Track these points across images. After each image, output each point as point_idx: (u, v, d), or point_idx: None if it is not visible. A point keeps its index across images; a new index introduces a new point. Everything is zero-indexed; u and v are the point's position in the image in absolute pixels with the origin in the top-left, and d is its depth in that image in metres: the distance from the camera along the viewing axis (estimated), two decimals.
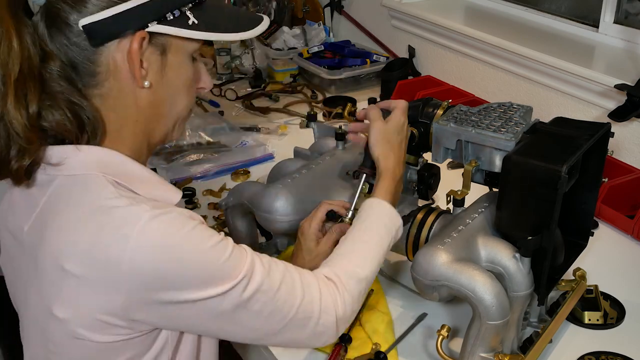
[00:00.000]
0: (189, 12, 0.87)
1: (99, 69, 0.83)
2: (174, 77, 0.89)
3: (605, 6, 1.85)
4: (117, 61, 0.83)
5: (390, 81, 2.12)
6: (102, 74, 0.84)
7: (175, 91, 0.90)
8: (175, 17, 0.85)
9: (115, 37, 0.82)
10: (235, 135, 1.85)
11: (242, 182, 1.32)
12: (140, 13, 0.82)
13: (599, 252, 1.35)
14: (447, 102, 1.16)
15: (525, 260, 0.98)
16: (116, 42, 0.82)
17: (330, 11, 2.64)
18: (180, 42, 0.87)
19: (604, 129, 1.05)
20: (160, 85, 0.88)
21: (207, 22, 0.88)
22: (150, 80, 0.86)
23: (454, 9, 2.26)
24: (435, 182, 1.21)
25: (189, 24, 0.86)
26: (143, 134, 0.90)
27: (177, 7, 0.86)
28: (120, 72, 0.84)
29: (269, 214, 1.18)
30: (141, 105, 0.88)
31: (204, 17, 0.88)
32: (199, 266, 0.79)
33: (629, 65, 1.71)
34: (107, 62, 0.83)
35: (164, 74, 0.88)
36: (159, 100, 0.89)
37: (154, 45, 0.85)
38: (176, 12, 0.86)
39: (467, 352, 1.00)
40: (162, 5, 0.84)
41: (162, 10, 0.84)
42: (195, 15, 0.87)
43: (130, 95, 0.86)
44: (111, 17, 0.81)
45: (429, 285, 0.98)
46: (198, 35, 0.87)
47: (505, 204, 1.00)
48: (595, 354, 1.12)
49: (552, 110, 1.82)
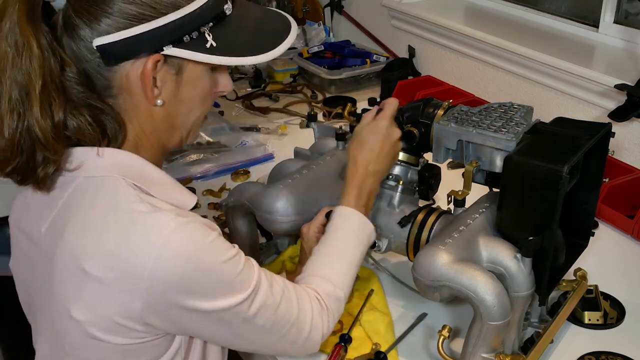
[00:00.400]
0: (208, 33, 0.84)
1: (113, 84, 0.84)
2: (189, 93, 0.88)
3: (605, 6, 1.85)
4: (131, 80, 0.83)
5: (390, 81, 2.12)
6: (115, 89, 0.84)
7: (190, 105, 0.90)
8: (192, 38, 0.83)
9: (129, 58, 0.82)
10: (235, 135, 1.85)
11: (243, 183, 1.32)
12: (156, 36, 0.81)
13: (599, 252, 1.35)
14: (447, 102, 1.16)
15: (526, 261, 0.98)
16: (130, 62, 0.82)
17: (330, 11, 2.64)
18: (198, 61, 0.86)
19: (604, 129, 1.05)
20: (174, 102, 0.87)
21: (226, 43, 0.86)
22: (164, 98, 0.86)
23: (454, 9, 2.26)
24: (436, 183, 1.21)
25: (207, 46, 0.84)
26: (158, 143, 0.91)
27: (196, 28, 0.83)
28: (134, 90, 0.84)
29: (269, 215, 1.18)
30: (156, 119, 0.88)
31: (224, 36, 0.86)
32: (216, 277, 0.81)
33: (629, 65, 1.71)
34: (120, 80, 0.83)
35: (178, 92, 0.87)
36: (173, 114, 0.89)
37: (170, 65, 0.84)
38: (194, 33, 0.83)
39: (468, 352, 1.00)
40: (179, 27, 0.82)
41: (179, 32, 0.82)
42: (215, 35, 0.85)
43: (145, 110, 0.86)
44: (126, 39, 0.80)
45: (430, 286, 0.98)
46: (214, 60, 0.85)
47: (506, 204, 1.00)
48: (595, 354, 1.12)
49: (553, 110, 1.82)
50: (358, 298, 1.23)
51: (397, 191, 1.19)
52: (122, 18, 0.79)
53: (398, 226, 1.16)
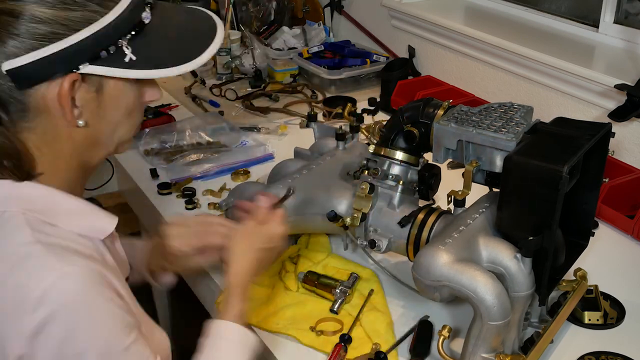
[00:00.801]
0: (126, 46, 0.78)
1: (28, 107, 0.78)
2: (114, 110, 0.83)
3: (605, 6, 1.85)
4: (48, 101, 0.77)
5: (390, 81, 2.12)
6: (32, 112, 0.78)
7: (115, 122, 0.84)
8: (110, 53, 0.78)
9: (44, 80, 0.76)
10: (235, 135, 1.85)
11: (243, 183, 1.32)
12: (70, 54, 0.75)
13: (599, 252, 1.35)
14: (447, 102, 1.16)
15: (526, 261, 0.98)
16: (45, 85, 0.76)
17: (330, 11, 2.64)
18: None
19: (604, 129, 1.05)
20: (97, 121, 0.82)
21: (147, 55, 0.80)
22: (86, 119, 0.80)
23: (454, 9, 2.26)
24: (436, 183, 1.21)
25: (126, 61, 0.78)
26: (79, 164, 0.85)
27: (113, 42, 0.78)
28: (52, 112, 0.78)
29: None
30: (77, 141, 0.82)
31: (144, 47, 0.80)
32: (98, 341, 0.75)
33: (629, 65, 1.71)
34: (36, 103, 0.77)
35: (100, 110, 0.82)
36: (97, 133, 0.83)
37: (89, 83, 0.79)
38: (111, 47, 0.78)
39: (468, 352, 1.00)
40: (94, 43, 0.76)
41: (95, 48, 0.77)
42: (134, 47, 0.79)
43: (64, 131, 0.81)
44: (38, 60, 0.74)
45: (430, 286, 0.98)
46: (134, 75, 0.79)
47: (506, 204, 1.00)
48: (595, 354, 1.12)
49: (552, 110, 1.82)
50: (358, 298, 1.23)
51: (397, 191, 1.19)
52: (31, 39, 0.74)
53: (398, 226, 1.16)
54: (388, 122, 1.24)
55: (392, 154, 1.19)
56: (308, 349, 1.12)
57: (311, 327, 1.15)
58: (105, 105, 0.82)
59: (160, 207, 1.56)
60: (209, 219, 1.18)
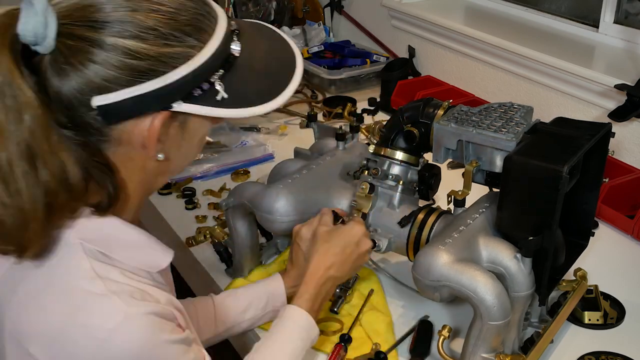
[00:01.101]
0: (218, 83, 0.74)
1: (109, 138, 0.74)
2: (191, 142, 0.80)
3: (605, 6, 1.85)
4: (132, 136, 0.74)
5: (390, 81, 2.12)
6: (111, 142, 0.74)
7: (189, 153, 0.83)
8: (203, 90, 0.74)
9: (134, 117, 0.72)
10: (235, 135, 1.85)
11: (243, 183, 1.32)
12: (166, 92, 0.71)
13: (599, 252, 1.35)
14: (447, 102, 1.16)
15: (526, 261, 0.98)
16: (134, 121, 0.73)
17: (330, 11, 2.64)
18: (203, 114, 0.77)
19: (604, 129, 1.05)
20: (175, 155, 0.80)
21: (237, 92, 0.76)
22: (166, 153, 0.77)
23: (454, 9, 2.26)
24: (435, 183, 1.21)
25: (217, 99, 0.74)
26: (145, 191, 0.82)
27: (206, 79, 0.74)
28: (133, 145, 0.75)
29: (269, 215, 1.18)
30: (149, 171, 0.79)
31: (234, 83, 0.76)
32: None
33: (629, 65, 1.71)
34: (119, 136, 0.74)
35: (181, 145, 0.79)
36: (170, 165, 0.81)
37: (175, 119, 0.76)
38: (204, 84, 0.74)
39: (468, 352, 1.00)
40: (189, 82, 0.72)
41: (189, 87, 0.73)
42: (226, 85, 0.75)
43: (140, 162, 0.77)
44: (132, 97, 0.70)
45: (430, 286, 0.98)
46: (225, 114, 0.76)
47: (506, 204, 1.00)
48: (595, 354, 1.12)
49: (552, 110, 1.82)
50: (358, 298, 1.23)
51: (397, 191, 1.19)
52: (126, 75, 0.69)
53: (398, 226, 1.16)
54: (388, 122, 1.24)
55: (392, 154, 1.19)
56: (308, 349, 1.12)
57: None
58: (186, 140, 0.79)
59: (160, 207, 1.56)
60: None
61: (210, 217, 1.51)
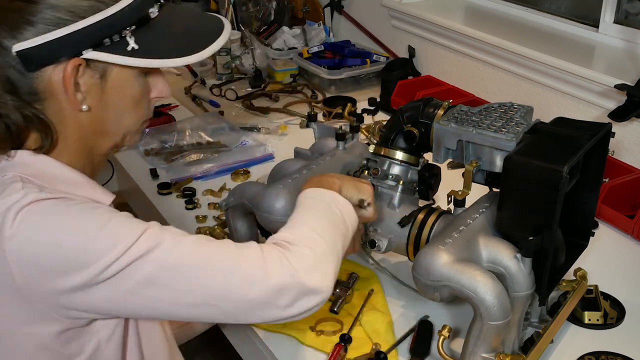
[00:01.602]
0: (129, 36, 0.83)
1: (37, 89, 0.82)
2: (117, 98, 0.87)
3: (605, 6, 1.85)
4: (54, 85, 0.82)
5: (390, 81, 2.12)
6: (41, 94, 0.82)
7: (120, 110, 0.88)
8: (113, 42, 0.82)
9: (50, 63, 0.80)
10: (235, 135, 1.85)
11: (243, 182, 1.32)
12: (75, 39, 0.80)
13: (599, 252, 1.35)
14: (447, 102, 1.16)
15: (526, 261, 0.98)
16: (52, 67, 0.81)
17: (330, 11, 2.64)
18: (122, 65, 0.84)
19: (604, 129, 1.05)
20: (101, 107, 0.86)
21: (149, 46, 0.84)
22: (89, 104, 0.84)
23: (454, 9, 2.26)
24: (436, 183, 1.21)
25: (128, 49, 0.83)
26: (85, 150, 0.88)
27: (117, 31, 0.82)
28: (58, 95, 0.83)
29: (269, 214, 1.18)
30: (83, 125, 0.86)
31: (148, 39, 0.84)
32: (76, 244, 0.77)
33: (629, 65, 1.71)
34: (44, 85, 0.82)
35: (104, 97, 0.85)
36: (102, 120, 0.87)
37: (93, 69, 0.83)
38: (115, 36, 0.82)
39: (468, 352, 1.00)
40: (99, 30, 0.81)
41: (98, 36, 0.81)
42: (137, 38, 0.83)
43: (71, 115, 0.85)
44: (45, 43, 0.79)
45: (430, 286, 0.98)
46: (134, 63, 0.83)
47: (506, 204, 1.00)
48: (595, 354, 1.12)
49: (552, 110, 1.82)
50: (358, 298, 1.23)
51: (397, 191, 1.19)
52: (42, 24, 0.79)
53: (398, 226, 1.16)
54: (388, 122, 1.24)
55: (392, 154, 1.19)
56: (308, 349, 1.12)
57: (311, 327, 1.15)
58: (110, 93, 0.86)
59: (160, 207, 1.56)
60: None
61: (210, 217, 1.51)
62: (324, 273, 0.85)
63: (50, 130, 0.84)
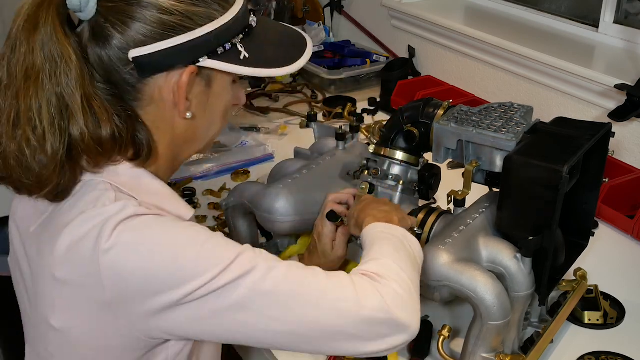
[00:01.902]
0: (240, 44, 0.84)
1: (143, 95, 0.82)
2: (216, 106, 0.88)
3: (605, 6, 1.85)
4: (163, 92, 0.82)
5: (390, 81, 2.12)
6: (145, 100, 0.82)
7: (213, 118, 0.89)
8: (225, 50, 0.83)
9: (165, 70, 0.80)
10: (235, 135, 1.85)
11: (243, 182, 1.32)
12: (193, 47, 0.80)
13: (599, 252, 1.35)
14: (447, 102, 1.16)
15: (526, 261, 0.98)
16: (165, 74, 0.81)
17: (330, 11, 2.64)
18: (226, 73, 0.85)
19: (604, 129, 1.05)
20: (202, 115, 0.86)
21: (256, 55, 0.85)
22: (193, 111, 0.85)
23: (454, 9, 2.26)
24: (436, 183, 1.21)
25: (240, 58, 0.84)
26: (173, 155, 0.89)
27: (228, 40, 0.83)
28: (164, 102, 0.82)
29: (269, 215, 1.18)
30: (177, 133, 0.86)
31: (253, 47, 0.86)
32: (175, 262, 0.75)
33: (629, 65, 1.71)
34: (151, 92, 0.82)
35: (207, 105, 0.86)
36: (196, 127, 0.87)
37: (201, 77, 0.84)
38: (227, 45, 0.83)
39: (468, 352, 1.00)
40: (214, 39, 0.81)
41: (214, 44, 0.82)
42: (246, 47, 0.85)
43: (169, 122, 0.85)
44: (162, 50, 0.78)
45: (430, 286, 0.98)
46: (246, 72, 0.84)
47: (506, 204, 1.00)
48: (595, 354, 1.12)
49: (552, 110, 1.82)
50: None
51: (397, 191, 1.19)
52: (159, 29, 0.78)
53: None
54: (388, 122, 1.24)
55: (392, 154, 1.19)
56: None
57: None
58: (211, 101, 0.87)
59: None
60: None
61: (210, 217, 1.51)
62: (413, 310, 0.83)
63: (148, 138, 0.83)
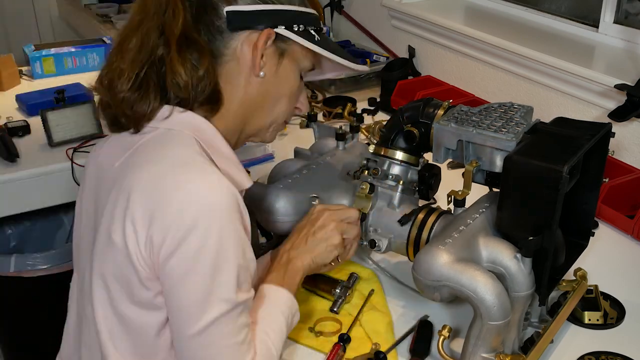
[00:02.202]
0: (313, 31, 0.99)
1: (227, 51, 0.94)
2: (284, 80, 1.00)
3: (605, 6, 1.85)
4: (244, 48, 0.94)
5: (390, 81, 2.12)
6: (227, 56, 0.95)
7: (281, 92, 1.01)
8: (301, 30, 0.97)
9: (249, 28, 0.94)
10: None
11: None
12: (275, 15, 0.95)
13: (599, 252, 1.35)
14: (447, 102, 1.16)
15: (526, 261, 0.98)
16: (247, 32, 0.94)
17: (330, 11, 2.64)
18: (297, 53, 1.00)
19: (604, 129, 1.05)
20: (271, 81, 0.98)
21: (326, 44, 1.00)
22: (265, 72, 0.96)
23: (454, 9, 2.27)
24: (436, 183, 1.21)
25: (314, 39, 0.98)
26: (242, 117, 0.99)
27: (305, 24, 0.98)
28: (243, 59, 0.95)
29: (269, 215, 1.18)
30: (249, 91, 0.97)
31: (323, 40, 1.00)
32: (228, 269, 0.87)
33: (629, 65, 1.71)
34: (234, 47, 0.94)
35: (276, 73, 0.98)
36: (266, 92, 0.99)
37: (276, 46, 0.97)
38: (301, 27, 0.98)
39: (468, 352, 1.00)
40: (293, 17, 0.97)
41: (292, 20, 0.97)
42: (318, 35, 1.00)
43: (244, 79, 0.96)
44: (252, 11, 0.93)
45: (430, 286, 0.98)
46: (317, 49, 0.98)
47: (506, 204, 1.00)
48: (595, 354, 1.12)
49: (552, 110, 1.82)
50: (358, 298, 1.23)
51: (397, 191, 1.19)
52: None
53: (398, 226, 1.16)
54: (388, 122, 1.24)
55: (392, 154, 1.19)
56: (307, 349, 1.12)
57: (310, 327, 1.15)
58: (281, 72, 0.99)
59: None
60: None
61: None
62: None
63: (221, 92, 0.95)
